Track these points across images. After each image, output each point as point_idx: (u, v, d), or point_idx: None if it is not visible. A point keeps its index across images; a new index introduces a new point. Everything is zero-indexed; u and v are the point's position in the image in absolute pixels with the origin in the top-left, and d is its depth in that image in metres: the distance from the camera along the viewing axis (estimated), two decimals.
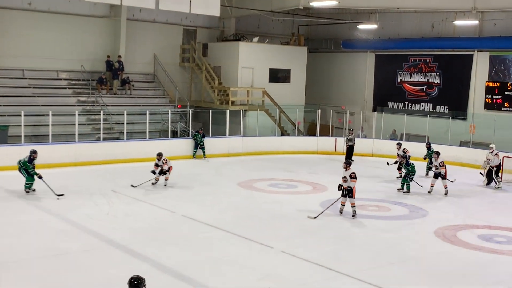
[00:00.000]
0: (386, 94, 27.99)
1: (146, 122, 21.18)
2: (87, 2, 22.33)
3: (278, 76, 27.31)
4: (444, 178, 16.29)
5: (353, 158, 21.73)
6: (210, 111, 22.64)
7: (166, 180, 15.98)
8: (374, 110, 27.59)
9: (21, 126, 18.30)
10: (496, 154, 17.80)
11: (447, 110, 25.55)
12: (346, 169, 13.31)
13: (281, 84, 27.11)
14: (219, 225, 12.20)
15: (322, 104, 27.91)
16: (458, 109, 25.11)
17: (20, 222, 12.02)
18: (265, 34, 28.70)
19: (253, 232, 11.78)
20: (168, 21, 26.32)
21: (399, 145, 19.04)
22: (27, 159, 14.31)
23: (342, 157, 22.23)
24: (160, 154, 15.90)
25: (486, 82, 24.20)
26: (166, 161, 15.91)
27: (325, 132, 26.01)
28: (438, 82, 26.01)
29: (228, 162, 21.50)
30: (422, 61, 26.54)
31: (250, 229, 12.07)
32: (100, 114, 20.46)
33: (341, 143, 24.23)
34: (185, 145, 21.83)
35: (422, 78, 26.61)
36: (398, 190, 16.64)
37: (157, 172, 15.88)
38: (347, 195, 13.21)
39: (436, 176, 16.43)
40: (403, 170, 16.78)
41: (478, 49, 24.58)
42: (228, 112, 23.01)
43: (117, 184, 16.17)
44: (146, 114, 21.18)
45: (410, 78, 27.05)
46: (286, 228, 12.37)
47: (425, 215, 14.02)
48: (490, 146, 18.32)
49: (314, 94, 29.50)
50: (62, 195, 14.20)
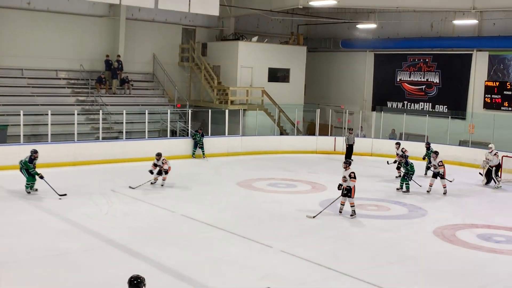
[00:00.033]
0: (385, 94, 28.00)
1: (145, 122, 21.19)
2: (86, 1, 22.34)
3: (277, 75, 27.31)
4: (443, 177, 16.31)
5: (352, 157, 21.80)
6: (209, 111, 22.64)
7: (163, 180, 15.95)
8: (373, 109, 27.60)
9: (20, 125, 18.29)
10: (495, 154, 17.81)
11: (446, 109, 25.56)
12: (345, 168, 13.34)
13: (280, 83, 27.12)
14: (219, 224, 12.21)
15: (321, 103, 27.92)
16: (457, 108, 25.12)
17: (20, 222, 12.01)
18: (264, 34, 28.70)
19: (252, 231, 11.79)
20: (167, 20, 26.32)
21: (398, 144, 19.05)
22: (28, 159, 14.25)
23: (341, 156, 22.26)
24: (159, 155, 15.89)
25: (485, 81, 24.22)
26: (166, 161, 15.91)
27: (324, 131, 26.01)
28: (437, 82, 26.03)
29: (227, 161, 21.51)
30: (421, 60, 26.55)
31: (250, 228, 12.08)
32: (99, 114, 20.45)
33: (340, 143, 24.24)
34: (184, 144, 21.84)
35: (421, 78, 26.62)
36: (397, 189, 16.66)
37: (154, 171, 15.87)
38: (346, 195, 13.23)
39: (435, 175, 16.44)
40: (402, 169, 16.81)
41: (477, 48, 24.60)
42: (227, 111, 23.00)
43: (116, 183, 16.16)
44: (145, 113, 21.18)
45: (409, 77, 27.07)
46: (286, 227, 12.38)
47: (424, 215, 14.04)
48: (489, 146, 18.34)
49: (313, 93, 29.51)
50: (64, 195, 14.16)
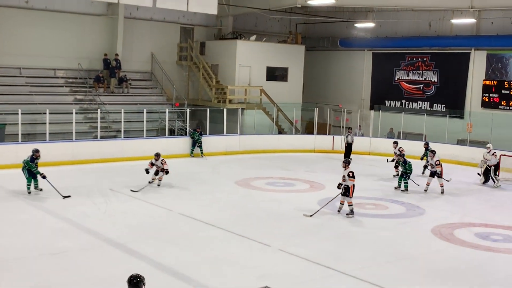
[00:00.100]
0: (384, 93, 28.03)
1: (143, 121, 21.18)
2: (85, 0, 22.32)
3: (276, 74, 27.31)
4: (440, 177, 16.33)
5: (351, 156, 21.80)
6: (208, 110, 22.65)
7: (160, 180, 15.90)
8: (372, 108, 27.65)
9: (18, 124, 18.26)
10: (493, 154, 17.85)
11: (444, 108, 25.60)
12: (345, 168, 13.36)
13: (278, 82, 27.12)
14: (217, 223, 12.21)
15: (320, 102, 27.94)
16: (455, 107, 25.14)
17: (18, 221, 12.00)
18: (262, 33, 28.71)
19: (251, 230, 11.79)
20: (165, 19, 26.30)
21: (396, 143, 19.08)
22: (29, 159, 14.12)
23: (340, 155, 22.29)
24: (158, 155, 15.81)
25: (483, 80, 24.26)
26: (165, 161, 15.86)
27: (322, 130, 26.03)
28: (435, 81, 26.06)
29: (225, 160, 21.51)
30: (420, 59, 26.58)
31: (248, 227, 12.09)
32: (97, 113, 20.42)
33: (338, 142, 24.26)
34: (182, 143, 21.84)
35: (419, 77, 26.66)
36: (395, 188, 16.69)
37: (150, 170, 15.78)
38: (345, 194, 13.25)
39: (432, 175, 16.47)
40: (400, 168, 16.83)
41: (475, 47, 24.63)
42: (225, 110, 23.00)
43: (114, 182, 16.15)
44: (143, 112, 21.17)
45: (408, 76, 27.09)
46: (284, 226, 12.39)
47: (422, 213, 14.06)
48: (487, 146, 18.39)
49: (312, 92, 29.53)
50: (68, 197, 13.99)
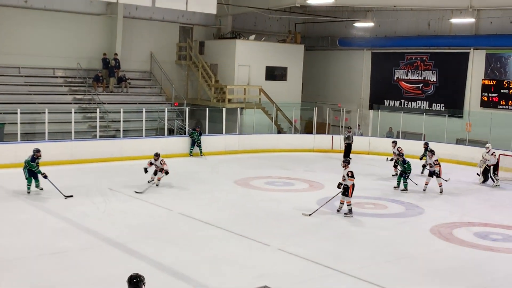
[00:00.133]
0: (383, 92, 28.04)
1: (142, 120, 21.17)
2: None
3: (275, 74, 27.30)
4: (438, 176, 16.34)
5: (350, 156, 21.80)
6: (207, 109, 22.65)
7: (158, 180, 15.89)
8: (371, 108, 27.64)
9: (17, 123, 18.24)
10: (492, 154, 17.85)
11: (443, 108, 25.61)
12: (344, 167, 13.37)
13: (277, 82, 27.12)
14: (217, 223, 12.21)
15: (319, 102, 27.93)
16: (454, 107, 25.15)
17: (18, 221, 11.99)
18: (261, 32, 28.70)
19: (250, 230, 11.79)
20: (164, 19, 26.29)
21: (395, 143, 19.09)
22: (30, 158, 14.05)
23: (339, 155, 22.30)
24: (157, 155, 15.79)
25: (482, 80, 24.26)
26: (164, 162, 15.84)
27: (321, 130, 26.02)
28: (435, 80, 26.07)
29: (224, 160, 21.51)
30: (419, 59, 26.58)
31: (247, 227, 12.09)
32: (96, 112, 20.43)
33: (337, 141, 24.26)
34: (181, 143, 21.83)
35: (418, 76, 26.66)
36: (395, 188, 16.69)
37: (149, 169, 15.76)
38: (344, 193, 13.25)
39: (431, 174, 16.47)
40: (399, 168, 16.84)
41: (474, 47, 24.63)
42: (224, 110, 23.00)
43: (113, 182, 16.14)
44: (142, 112, 21.15)
45: (407, 76, 27.10)
46: (283, 226, 12.39)
47: (421, 213, 14.07)
48: (487, 145, 18.38)
49: (311, 92, 29.52)
50: (71, 196, 13.98)
